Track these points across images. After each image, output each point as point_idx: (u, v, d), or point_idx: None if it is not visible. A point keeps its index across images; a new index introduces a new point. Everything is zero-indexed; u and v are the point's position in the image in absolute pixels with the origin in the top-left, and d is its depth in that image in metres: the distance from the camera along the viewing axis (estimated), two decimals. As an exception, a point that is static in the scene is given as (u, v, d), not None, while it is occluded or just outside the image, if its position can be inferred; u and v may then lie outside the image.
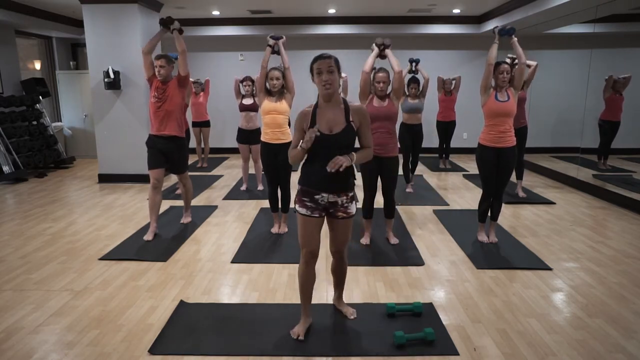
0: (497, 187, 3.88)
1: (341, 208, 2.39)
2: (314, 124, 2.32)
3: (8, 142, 6.70)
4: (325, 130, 2.30)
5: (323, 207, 2.38)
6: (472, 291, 3.10)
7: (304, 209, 2.38)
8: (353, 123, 2.34)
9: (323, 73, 2.26)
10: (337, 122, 2.31)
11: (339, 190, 2.35)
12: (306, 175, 2.39)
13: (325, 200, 2.35)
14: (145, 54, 4.01)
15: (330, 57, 2.28)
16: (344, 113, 2.33)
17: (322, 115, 2.33)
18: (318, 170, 2.31)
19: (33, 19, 7.01)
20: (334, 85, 2.29)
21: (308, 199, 2.37)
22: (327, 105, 2.34)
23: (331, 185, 2.33)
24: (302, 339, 2.49)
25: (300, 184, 2.42)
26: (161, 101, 3.95)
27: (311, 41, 8.75)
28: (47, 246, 3.98)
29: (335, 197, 2.35)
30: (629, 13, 6.24)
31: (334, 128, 2.31)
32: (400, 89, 3.76)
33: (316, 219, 2.39)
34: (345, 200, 2.38)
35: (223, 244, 4.05)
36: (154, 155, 4.04)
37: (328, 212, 2.42)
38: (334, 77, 2.28)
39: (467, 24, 8.14)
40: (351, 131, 2.33)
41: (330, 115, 2.32)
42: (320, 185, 2.33)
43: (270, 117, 4.04)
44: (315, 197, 2.35)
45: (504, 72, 3.66)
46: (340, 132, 2.30)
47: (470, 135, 9.00)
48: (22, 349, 2.43)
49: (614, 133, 6.35)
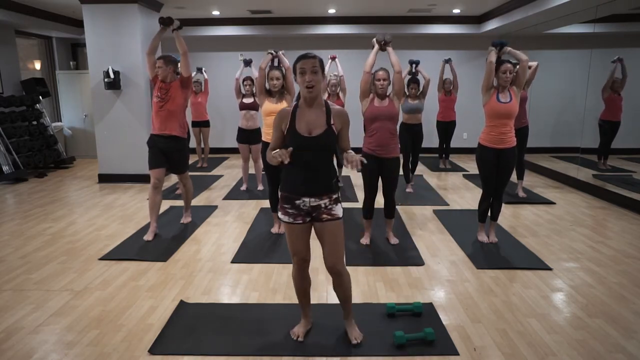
0: (497, 187, 3.88)
1: (324, 210, 2.27)
2: (293, 124, 2.24)
3: (8, 142, 6.70)
4: (305, 132, 2.22)
5: (306, 212, 2.29)
6: (472, 291, 3.10)
7: (286, 216, 2.30)
8: (334, 126, 2.25)
9: (306, 73, 2.18)
10: (318, 125, 2.23)
11: (320, 192, 2.25)
12: (285, 181, 2.31)
13: (307, 204, 2.26)
14: (148, 54, 4.06)
15: (315, 57, 2.20)
16: (325, 115, 2.25)
17: (302, 116, 2.25)
18: (296, 174, 2.24)
19: (33, 19, 7.01)
20: (317, 87, 2.21)
21: (289, 206, 2.29)
22: (308, 106, 2.26)
23: (312, 188, 2.24)
24: (302, 340, 2.49)
25: (280, 190, 2.34)
26: (164, 101, 3.98)
27: (311, 41, 8.75)
28: (47, 246, 3.98)
29: (317, 200, 2.25)
30: (629, 13, 6.24)
31: (314, 130, 2.22)
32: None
33: (300, 225, 2.30)
34: (328, 203, 2.27)
35: (223, 244, 4.05)
36: (154, 155, 4.05)
37: (312, 217, 2.31)
38: (317, 78, 2.19)
39: (467, 24, 8.14)
40: (331, 134, 2.24)
41: (310, 116, 2.24)
42: (300, 190, 2.25)
43: (271, 118, 4.01)
44: (297, 202, 2.27)
45: (507, 71, 3.63)
46: (320, 135, 2.21)
47: (470, 135, 9.00)
48: (22, 349, 2.43)
49: (614, 133, 6.34)
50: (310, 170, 2.24)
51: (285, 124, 2.27)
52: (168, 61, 3.97)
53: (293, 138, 2.23)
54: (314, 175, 2.24)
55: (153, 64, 4.02)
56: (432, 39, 8.70)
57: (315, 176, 2.24)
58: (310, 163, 2.23)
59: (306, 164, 2.23)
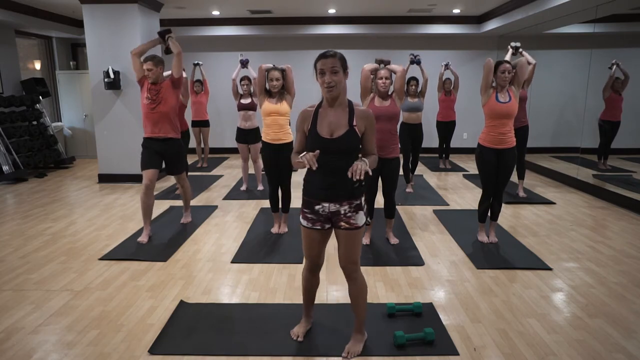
0: (497, 187, 3.88)
1: (343, 218, 2.18)
2: (314, 125, 2.16)
3: (8, 142, 6.70)
4: (326, 134, 2.13)
5: (325, 217, 2.21)
6: (472, 291, 3.10)
7: (305, 220, 2.25)
8: (356, 127, 2.14)
9: (326, 74, 2.08)
10: (339, 126, 2.13)
11: (341, 198, 2.15)
12: (306, 185, 2.23)
13: (326, 210, 2.18)
14: (135, 55, 3.99)
15: (335, 56, 2.09)
16: (347, 116, 2.15)
17: (323, 117, 2.17)
18: (317, 178, 2.16)
19: (33, 19, 7.00)
20: (338, 87, 2.10)
21: (309, 211, 2.22)
22: (329, 107, 2.17)
23: (331, 193, 2.15)
24: (301, 340, 2.49)
25: (302, 194, 2.27)
26: (155, 103, 3.92)
27: (311, 41, 8.76)
28: (47, 246, 3.98)
29: (337, 206, 2.16)
30: (629, 13, 6.23)
31: (335, 132, 2.13)
32: (402, 88, 3.74)
33: (318, 231, 2.24)
34: (348, 210, 2.17)
35: (223, 244, 4.05)
36: (149, 156, 4.00)
37: (332, 222, 2.24)
38: (337, 78, 2.09)
39: (467, 24, 8.14)
40: (353, 136, 2.13)
41: (332, 117, 2.15)
42: (319, 194, 2.17)
43: (271, 118, 4.03)
44: (316, 207, 2.19)
45: (506, 71, 3.63)
46: (341, 137, 2.12)
47: (470, 135, 9.00)
48: (22, 349, 2.43)
49: (614, 133, 6.34)
50: (331, 174, 2.13)
51: (307, 125, 2.20)
52: (157, 62, 3.91)
53: (314, 140, 2.15)
54: (335, 180, 2.14)
55: (140, 65, 3.96)
56: (432, 39, 8.71)
57: (335, 181, 2.14)
58: (331, 167, 2.12)
59: (327, 168, 2.12)
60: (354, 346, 2.38)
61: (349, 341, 2.42)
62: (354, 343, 2.40)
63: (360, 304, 2.34)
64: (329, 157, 2.12)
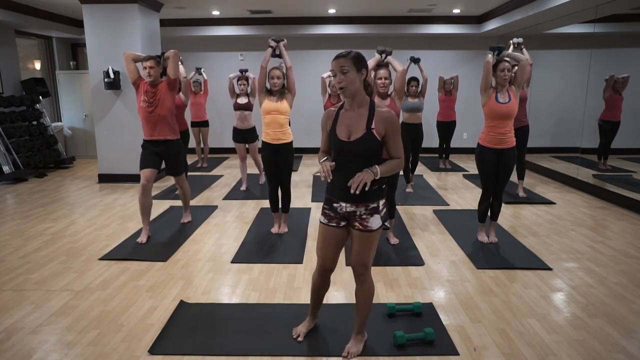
0: (496, 187, 3.88)
1: (358, 219, 2.17)
2: (334, 126, 2.16)
3: (8, 142, 6.70)
4: (344, 136, 2.11)
5: (342, 216, 2.22)
6: (472, 291, 3.10)
7: (323, 216, 2.27)
8: (375, 130, 2.08)
9: (337, 74, 2.07)
10: (357, 128, 2.09)
11: (356, 200, 2.14)
12: (329, 183, 2.23)
13: (344, 209, 2.19)
14: (128, 58, 3.99)
15: (345, 56, 2.07)
16: (365, 118, 2.10)
17: (344, 117, 2.15)
18: (337, 177, 2.15)
19: (33, 19, 7.00)
20: (349, 88, 2.07)
21: (328, 207, 2.25)
22: (349, 107, 2.14)
23: (348, 194, 2.12)
24: (301, 340, 2.49)
25: (325, 191, 2.30)
26: (152, 105, 3.93)
27: (311, 41, 8.75)
28: (47, 246, 3.98)
29: (354, 207, 2.16)
30: (629, 13, 6.23)
31: (353, 134, 2.10)
32: (402, 88, 3.74)
33: (333, 228, 2.24)
34: (363, 212, 2.15)
35: (223, 244, 4.05)
36: (147, 156, 4.01)
37: (348, 221, 2.24)
38: (348, 79, 2.05)
39: (467, 24, 8.14)
40: (371, 139, 2.08)
41: (351, 119, 2.12)
42: (338, 194, 2.18)
43: (270, 117, 4.02)
44: (334, 205, 2.21)
45: (505, 69, 3.62)
46: (357, 140, 2.08)
47: (470, 135, 9.00)
48: (22, 349, 2.43)
49: (614, 133, 6.34)
50: (349, 176, 2.09)
51: (329, 125, 2.20)
52: (158, 61, 3.91)
53: (332, 141, 2.16)
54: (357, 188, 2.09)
55: (134, 67, 3.97)
56: (432, 39, 8.70)
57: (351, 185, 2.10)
58: (348, 169, 2.10)
59: (345, 169, 2.12)
60: (354, 346, 2.39)
61: (349, 341, 2.42)
62: (354, 343, 2.40)
63: (365, 306, 2.34)
64: (347, 159, 2.12)
